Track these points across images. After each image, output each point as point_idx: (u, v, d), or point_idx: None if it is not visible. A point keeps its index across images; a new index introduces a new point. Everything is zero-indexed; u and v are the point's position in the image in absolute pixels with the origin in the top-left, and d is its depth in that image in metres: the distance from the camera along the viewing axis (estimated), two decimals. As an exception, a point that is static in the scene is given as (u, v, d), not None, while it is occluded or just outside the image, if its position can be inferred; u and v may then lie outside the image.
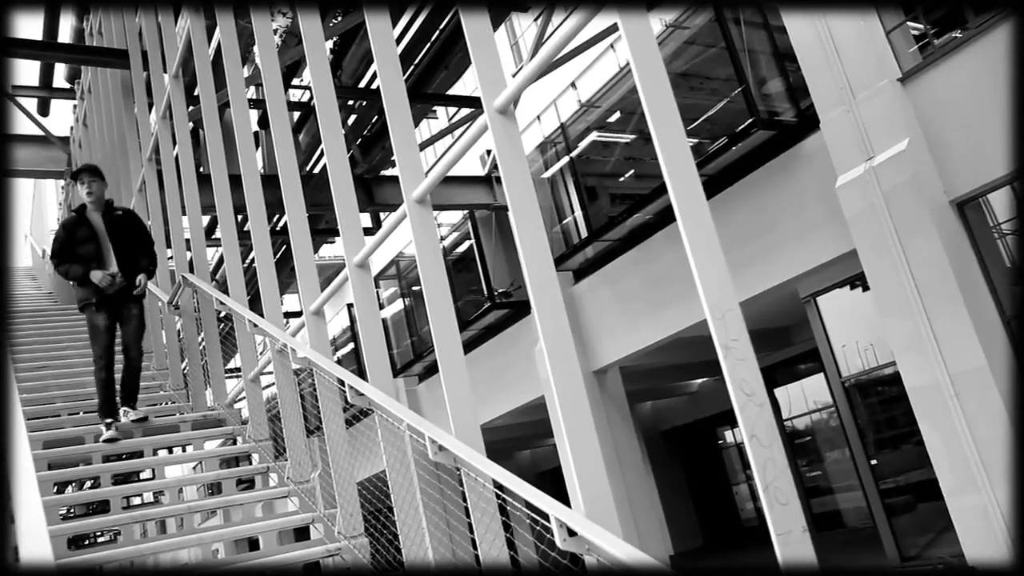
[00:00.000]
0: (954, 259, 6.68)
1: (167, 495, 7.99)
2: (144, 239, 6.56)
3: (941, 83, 6.91)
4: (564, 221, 11.79)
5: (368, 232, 5.54)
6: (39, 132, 13.35)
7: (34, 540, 1.74)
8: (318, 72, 5.41)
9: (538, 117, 12.17)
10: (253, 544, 4.49)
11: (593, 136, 11.57)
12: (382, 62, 4.46)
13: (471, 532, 3.48)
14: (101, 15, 12.38)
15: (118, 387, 6.29)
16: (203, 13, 7.84)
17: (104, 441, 5.84)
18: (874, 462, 8.63)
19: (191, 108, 9.09)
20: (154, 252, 6.71)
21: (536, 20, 12.64)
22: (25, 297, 15.55)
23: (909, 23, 7.33)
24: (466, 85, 13.89)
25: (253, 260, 6.60)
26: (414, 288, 15.51)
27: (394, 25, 10.44)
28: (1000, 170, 6.55)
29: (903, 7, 7.34)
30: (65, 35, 13.41)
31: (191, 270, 7.54)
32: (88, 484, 7.86)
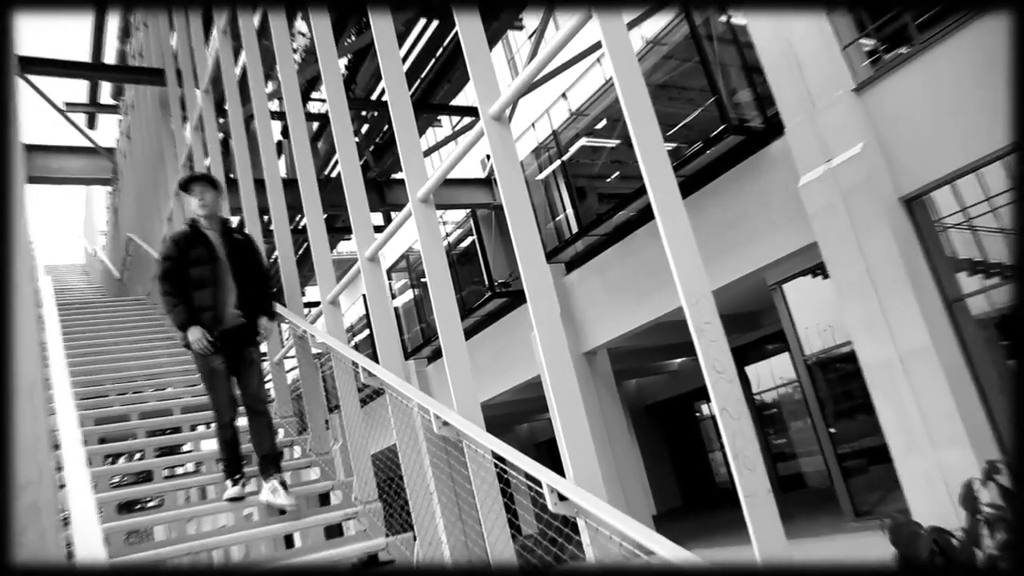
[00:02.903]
0: (903, 250, 6.71)
1: (205, 465, 7.95)
2: (264, 271, 4.82)
3: (891, 93, 6.92)
4: (556, 218, 11.75)
5: (379, 230, 5.50)
6: (88, 144, 13.30)
7: (87, 542, 1.68)
8: (332, 88, 5.36)
9: (532, 125, 12.11)
10: (280, 509, 4.48)
11: (582, 142, 11.52)
12: (390, 77, 4.42)
13: (474, 497, 3.46)
14: (141, 38, 12.31)
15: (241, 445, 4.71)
16: (230, 35, 7.79)
17: (228, 500, 4.47)
18: (832, 430, 8.63)
19: (221, 120, 9.04)
20: (272, 286, 4.92)
21: (530, 38, 12.57)
22: (78, 290, 15.51)
23: (862, 40, 7.32)
24: (467, 97, 13.81)
25: (277, 256, 6.54)
26: (422, 280, 15.47)
27: (401, 44, 10.38)
28: (943, 170, 6.60)
29: (857, 22, 7.32)
30: (110, 57, 13.36)
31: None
32: (137, 456, 7.84)
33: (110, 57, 13.66)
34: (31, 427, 1.12)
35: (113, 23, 13.44)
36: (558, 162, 11.67)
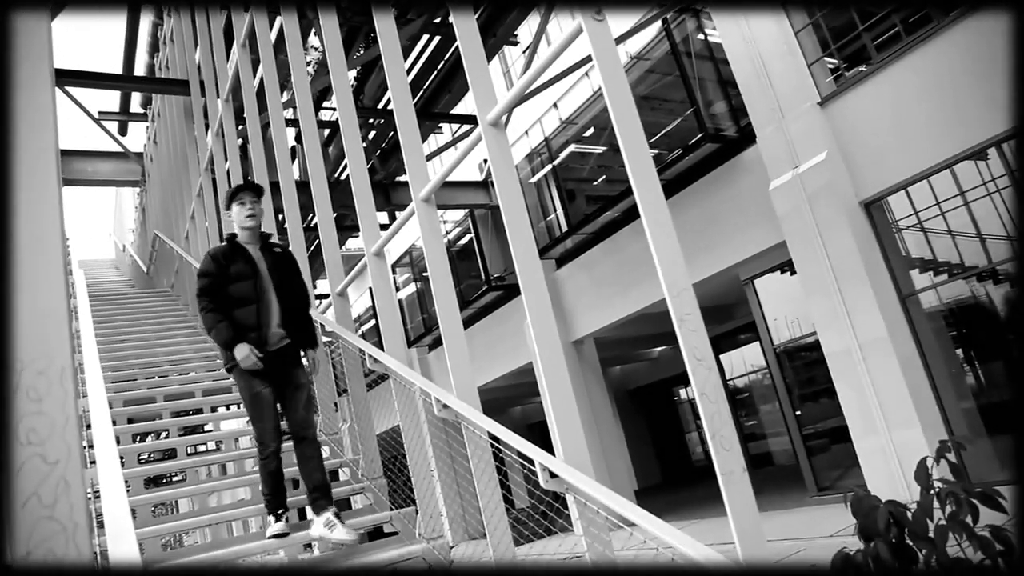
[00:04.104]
0: (862, 249, 6.74)
1: (233, 445, 7.90)
2: (306, 289, 4.20)
3: (852, 106, 6.94)
4: (548, 217, 11.72)
5: (385, 228, 5.47)
6: (119, 149, 13.21)
7: (115, 516, 1.66)
8: (342, 97, 5.32)
9: (526, 132, 12.07)
10: (294, 483, 4.45)
11: (571, 148, 11.49)
12: (395, 87, 4.39)
13: (471, 474, 3.45)
14: (168, 53, 12.23)
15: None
16: (249, 49, 7.73)
17: (272, 537, 3.76)
18: (798, 413, 8.64)
19: (240, 127, 8.98)
20: (311, 307, 4.30)
21: (524, 52, 12.51)
22: (109, 283, 15.43)
23: (826, 58, 7.33)
24: (467, 106, 13.75)
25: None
26: (424, 274, 15.42)
27: (406, 58, 10.32)
28: (898, 177, 6.64)
29: (821, 41, 7.34)
30: (140, 69, 13.28)
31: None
32: (163, 435, 7.78)
33: (140, 69, 13.56)
34: (61, 410, 1.11)
35: (143, 39, 13.34)
36: (549, 166, 11.64)
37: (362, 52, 10.27)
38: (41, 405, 1.10)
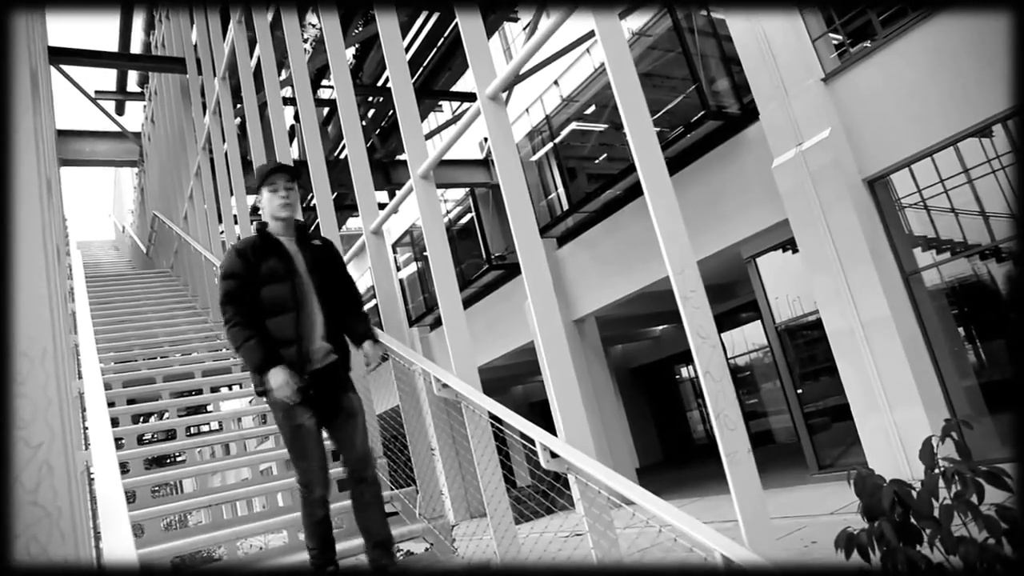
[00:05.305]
0: (865, 227, 6.70)
1: (232, 425, 7.92)
2: (353, 287, 3.42)
3: (856, 83, 6.86)
4: (549, 196, 11.64)
5: (385, 207, 5.37)
6: (117, 129, 13.11)
7: (109, 499, 1.63)
8: (340, 76, 5.23)
9: (527, 110, 11.94)
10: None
11: (572, 126, 11.37)
12: (393, 63, 4.30)
13: (472, 454, 3.43)
14: (164, 30, 12.08)
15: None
16: (246, 27, 7.61)
17: None
18: (799, 391, 8.64)
19: (237, 106, 8.87)
20: (361, 300, 3.46)
21: (524, 29, 12.35)
22: (109, 264, 15.40)
23: (830, 34, 7.23)
24: (467, 84, 13.61)
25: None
26: (424, 253, 15.37)
27: (405, 35, 10.17)
28: (902, 154, 6.60)
29: (826, 17, 7.22)
30: (136, 47, 13.13)
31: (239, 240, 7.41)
32: (165, 416, 7.78)
33: (136, 47, 13.40)
34: (43, 392, 1.07)
35: (139, 16, 13.18)
36: (550, 145, 11.54)
37: (360, 29, 10.13)
38: (23, 388, 1.06)
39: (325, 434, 3.15)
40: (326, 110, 12.13)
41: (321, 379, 3.05)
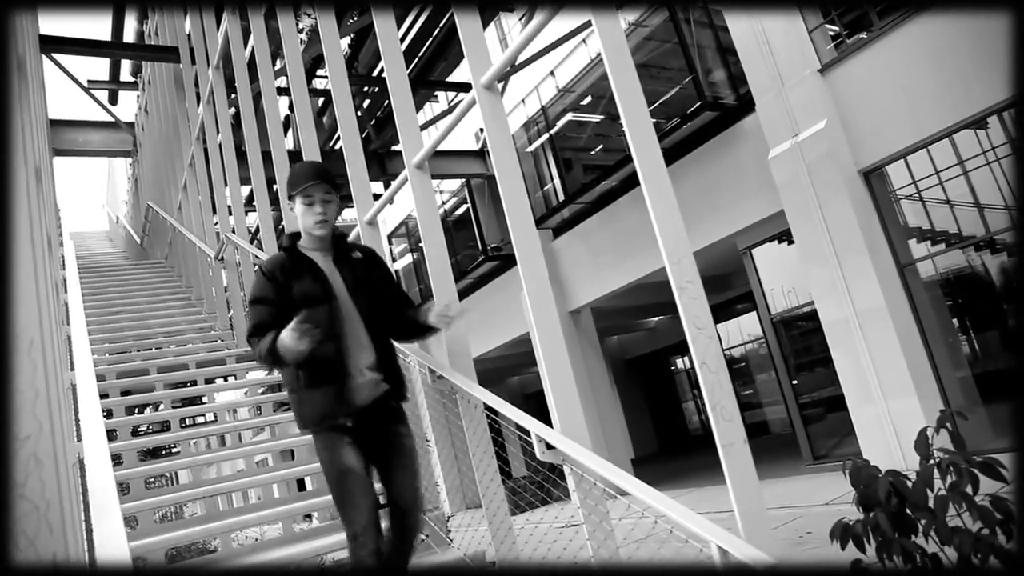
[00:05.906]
0: (861, 218, 6.70)
1: (228, 416, 7.91)
2: (405, 296, 2.87)
3: (852, 74, 6.84)
4: (545, 187, 11.62)
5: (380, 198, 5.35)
6: (110, 119, 13.01)
7: (102, 491, 1.61)
8: (335, 66, 5.19)
9: (523, 101, 11.90)
10: (290, 455, 4.43)
11: (569, 116, 11.34)
12: (388, 53, 4.27)
13: (467, 445, 3.42)
14: (157, 19, 11.97)
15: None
16: (239, 16, 7.55)
17: None
18: (794, 382, 8.66)
19: (231, 96, 8.81)
20: (411, 299, 2.91)
21: (521, 19, 12.29)
22: (103, 254, 15.33)
23: (827, 25, 7.20)
24: (463, 75, 13.54)
25: (283, 225, 6.40)
26: (420, 244, 15.34)
27: (400, 25, 10.10)
28: (898, 146, 6.59)
29: (823, 10, 7.20)
30: (129, 36, 13.00)
31: (233, 231, 7.37)
32: (160, 407, 7.76)
33: (129, 36, 13.27)
34: (31, 384, 1.06)
35: (132, 4, 13.05)
36: (546, 135, 11.50)
37: (356, 18, 10.06)
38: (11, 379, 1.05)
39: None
40: (321, 100, 12.06)
41: (369, 415, 2.59)
